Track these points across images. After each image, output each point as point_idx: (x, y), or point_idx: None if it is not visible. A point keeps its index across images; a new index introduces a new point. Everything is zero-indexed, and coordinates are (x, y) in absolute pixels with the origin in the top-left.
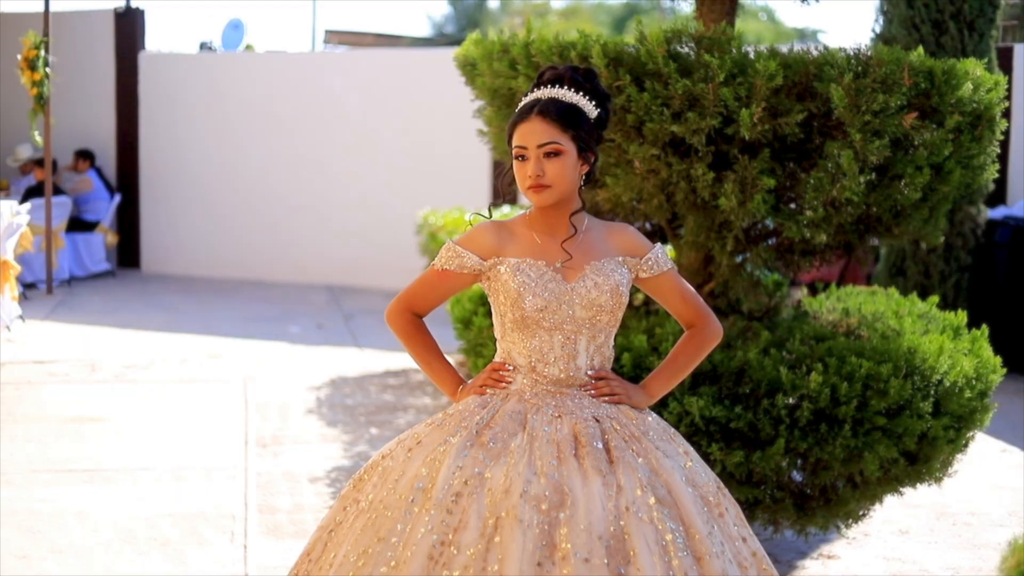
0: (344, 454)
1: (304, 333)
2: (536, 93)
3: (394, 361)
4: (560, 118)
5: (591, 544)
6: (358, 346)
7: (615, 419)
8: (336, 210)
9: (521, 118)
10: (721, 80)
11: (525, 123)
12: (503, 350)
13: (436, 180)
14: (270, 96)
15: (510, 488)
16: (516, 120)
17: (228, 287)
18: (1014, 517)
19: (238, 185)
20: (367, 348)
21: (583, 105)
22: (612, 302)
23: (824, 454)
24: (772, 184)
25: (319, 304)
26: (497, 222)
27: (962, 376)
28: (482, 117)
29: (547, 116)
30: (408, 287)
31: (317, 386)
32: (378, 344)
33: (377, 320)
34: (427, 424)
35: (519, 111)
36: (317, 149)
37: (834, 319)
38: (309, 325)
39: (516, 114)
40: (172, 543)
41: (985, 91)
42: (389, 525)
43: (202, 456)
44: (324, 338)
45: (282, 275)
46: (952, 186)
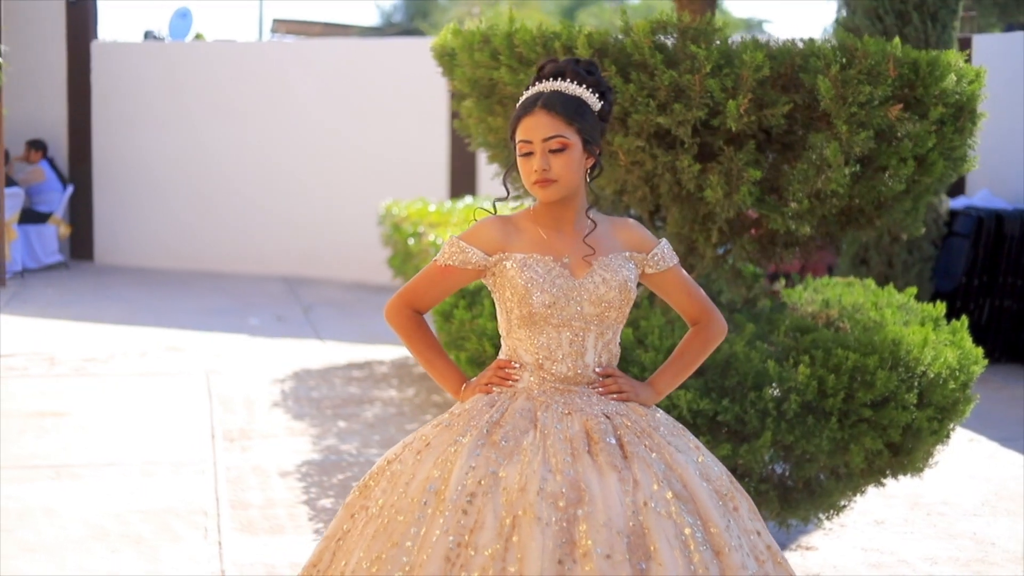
0: (313, 448)
1: (264, 325)
2: (538, 87)
3: (357, 353)
4: (565, 111)
5: (612, 540)
6: (319, 338)
7: (625, 415)
8: (292, 201)
9: (525, 112)
10: (708, 71)
11: (529, 117)
12: (508, 347)
13: (393, 171)
14: (225, 86)
15: (526, 486)
16: (520, 114)
17: (183, 279)
18: (986, 507)
19: (193, 176)
20: (329, 340)
21: (587, 98)
22: (620, 298)
23: (811, 447)
24: (758, 176)
25: (276, 296)
26: (501, 217)
27: (946, 367)
28: (460, 108)
29: (552, 110)
30: (408, 283)
31: (281, 379)
32: (340, 336)
33: (337, 311)
34: (434, 426)
35: (522, 105)
36: (272, 139)
37: (813, 310)
38: (268, 317)
39: (519, 108)
40: (145, 540)
41: (967, 83)
42: (402, 529)
43: (169, 451)
44: (284, 330)
45: (237, 266)
46: (935, 177)
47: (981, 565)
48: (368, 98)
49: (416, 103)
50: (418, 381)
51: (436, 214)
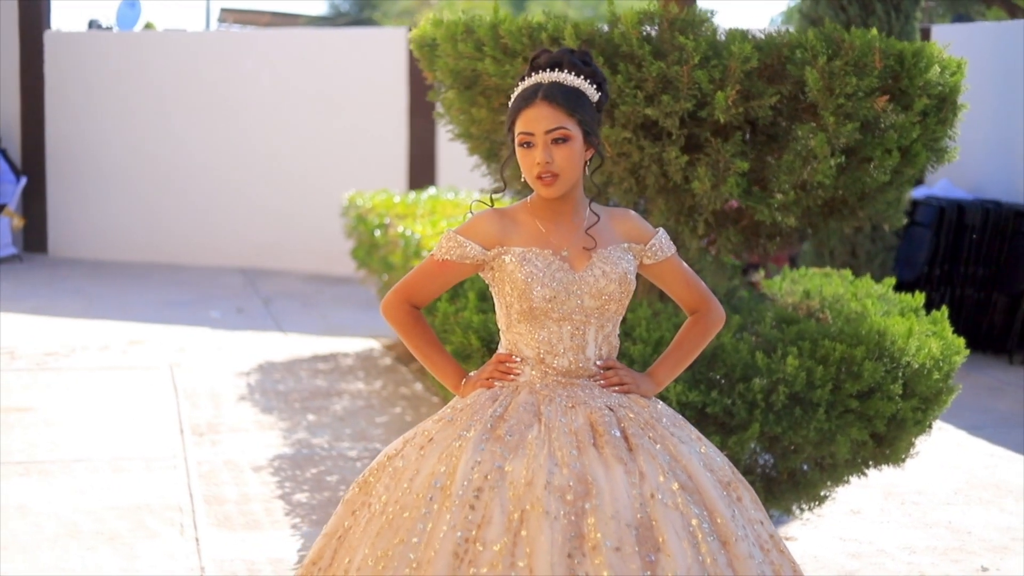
0: (284, 442)
1: (225, 318)
2: (535, 77)
3: (321, 346)
4: (566, 102)
5: (620, 532)
6: (282, 330)
7: (628, 407)
8: (249, 192)
9: (525, 103)
10: (696, 63)
11: (530, 109)
12: (508, 341)
13: (351, 161)
14: (180, 76)
15: (533, 480)
16: (519, 106)
17: (140, 271)
18: (959, 495)
19: (148, 167)
20: (291, 332)
21: (585, 89)
22: (621, 290)
23: (798, 437)
24: (746, 167)
25: (235, 288)
26: (498, 210)
27: (930, 358)
28: (440, 100)
29: (553, 101)
30: (405, 278)
31: (245, 372)
32: (302, 328)
33: (298, 303)
34: (436, 421)
35: (521, 97)
36: (229, 130)
37: (794, 301)
38: (229, 309)
39: (518, 100)
40: (120, 537)
41: (949, 74)
42: (408, 525)
43: (138, 446)
44: (246, 323)
45: (194, 258)
46: (918, 168)
47: (959, 553)
48: (324, 88)
49: (374, 93)
50: (385, 374)
51: (402, 205)
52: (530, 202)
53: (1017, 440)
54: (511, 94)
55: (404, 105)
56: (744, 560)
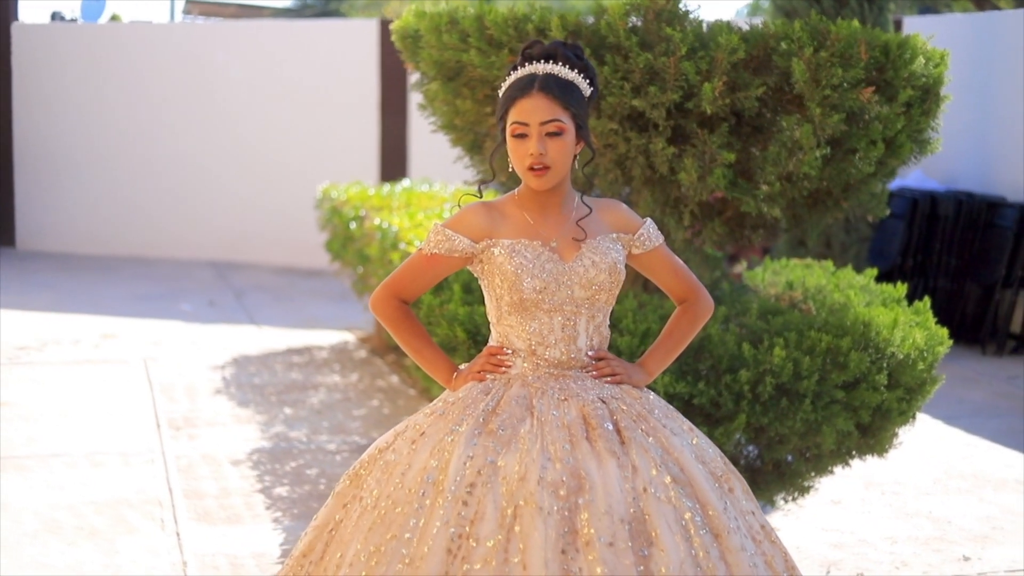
0: (262, 435)
1: (197, 311)
2: (529, 68)
3: (295, 339)
4: (562, 95)
5: (614, 528)
6: (255, 324)
7: (620, 399)
8: (219, 184)
9: (521, 93)
10: (683, 54)
11: (526, 99)
12: (499, 334)
13: (322, 153)
14: (149, 68)
15: (526, 475)
16: (515, 95)
17: (109, 264)
18: (938, 485)
19: (117, 160)
20: (264, 326)
21: (579, 83)
22: (610, 280)
23: (784, 428)
24: (732, 158)
25: (206, 281)
26: (486, 203)
27: (914, 348)
28: (422, 91)
29: (549, 92)
30: (394, 273)
31: (220, 365)
32: (275, 321)
33: (270, 296)
34: (427, 414)
35: (515, 86)
36: (198, 123)
37: (777, 292)
38: (200, 302)
39: (513, 89)
40: (100, 532)
41: (933, 65)
42: (401, 521)
43: (115, 440)
44: (218, 316)
45: (164, 251)
46: (902, 160)
47: (940, 543)
48: (294, 80)
49: (344, 85)
50: (360, 366)
51: (377, 197)
52: (518, 194)
53: (992, 430)
54: (500, 84)
55: (375, 97)
56: (736, 552)
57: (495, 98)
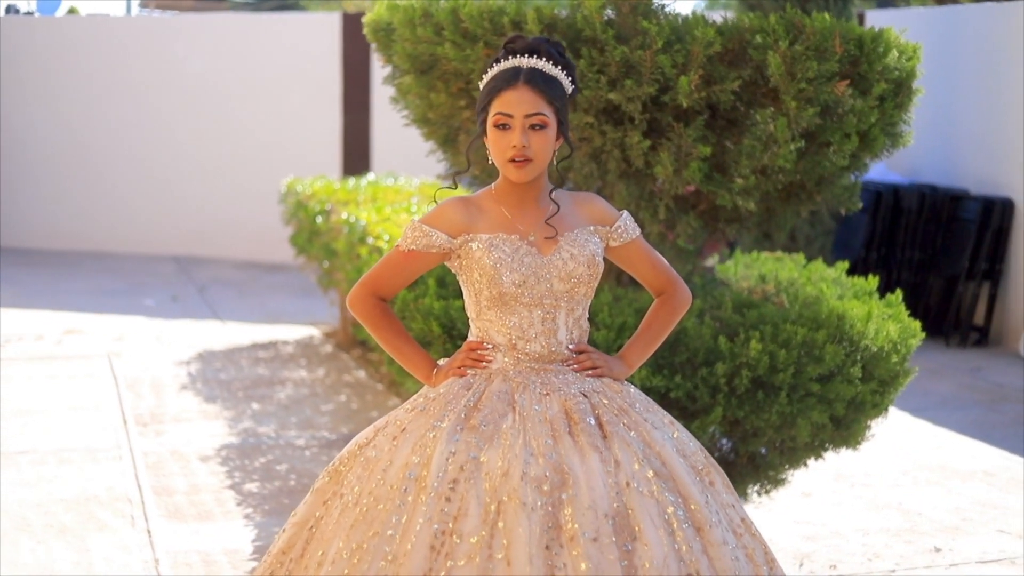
0: (230, 431)
1: (160, 306)
2: (512, 61)
3: (260, 334)
4: (547, 90)
5: (598, 523)
6: (219, 319)
7: (601, 393)
8: (181, 179)
9: (507, 85)
10: (659, 47)
11: (511, 91)
12: (479, 329)
13: (284, 147)
14: (107, 62)
15: (509, 471)
16: (498, 87)
17: (70, 259)
18: (907, 477)
19: (76, 154)
20: (229, 321)
21: (562, 79)
22: (589, 273)
23: (760, 421)
24: (708, 152)
25: (168, 276)
26: (463, 197)
27: (888, 341)
28: (394, 84)
29: (535, 86)
30: (371, 270)
31: (185, 361)
32: (239, 316)
33: (233, 291)
34: (408, 410)
35: (500, 78)
36: (158, 117)
37: (749, 285)
38: (163, 298)
39: (497, 80)
40: (70, 530)
41: (906, 59)
42: (383, 518)
43: (82, 437)
44: (182, 311)
45: (125, 246)
46: (875, 153)
47: (911, 535)
48: (255, 74)
49: (306, 79)
50: (327, 361)
51: (342, 191)
52: (495, 188)
53: (958, 422)
54: (480, 77)
55: (338, 91)
56: (719, 546)
57: (469, 92)
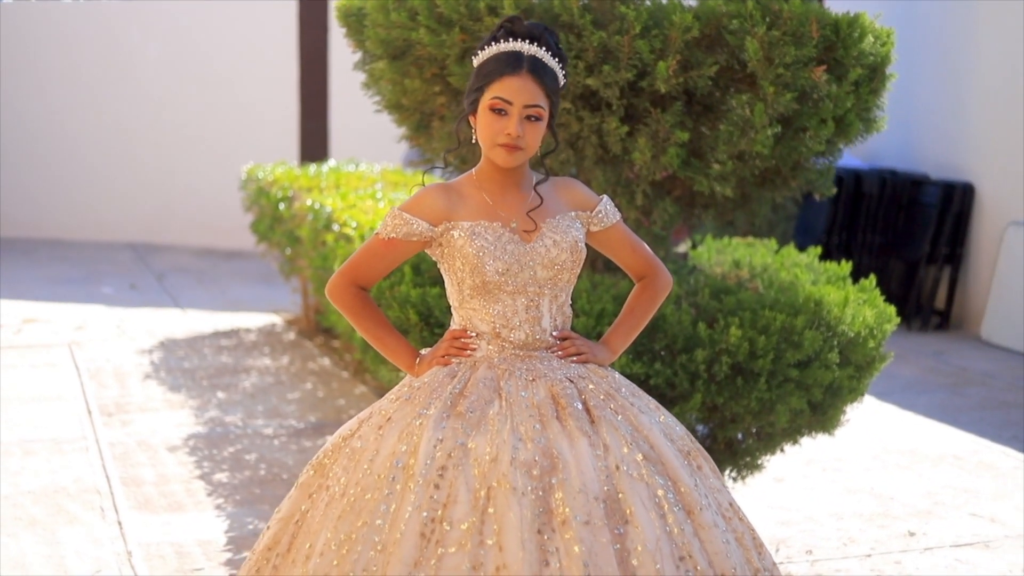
0: (196, 420)
1: (118, 294)
2: (513, 45)
3: (221, 321)
4: (547, 82)
5: (589, 506)
6: (179, 307)
7: (587, 378)
8: (136, 165)
9: (510, 70)
10: (637, 32)
11: (515, 77)
12: (462, 317)
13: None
14: (62, 47)
15: (498, 456)
16: (501, 70)
17: (23, 247)
18: (878, 461)
19: (28, 139)
20: (189, 309)
21: (558, 72)
22: (572, 259)
23: (739, 407)
24: (686, 137)
25: (126, 263)
26: (444, 184)
27: (864, 326)
28: (365, 70)
29: (537, 76)
30: (350, 259)
31: (147, 349)
32: (199, 304)
33: (192, 279)
34: (392, 400)
35: (503, 60)
36: (114, 102)
37: (723, 271)
38: (121, 285)
39: (498, 63)
40: (40, 522)
41: (880, 44)
42: (371, 507)
43: (46, 427)
44: (141, 299)
45: (80, 233)
46: (850, 138)
47: (885, 519)
48: (212, 59)
49: (263, 65)
50: (290, 349)
51: (304, 177)
52: (476, 174)
53: (924, 405)
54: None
55: (295, 76)
56: (709, 529)
57: (444, 77)
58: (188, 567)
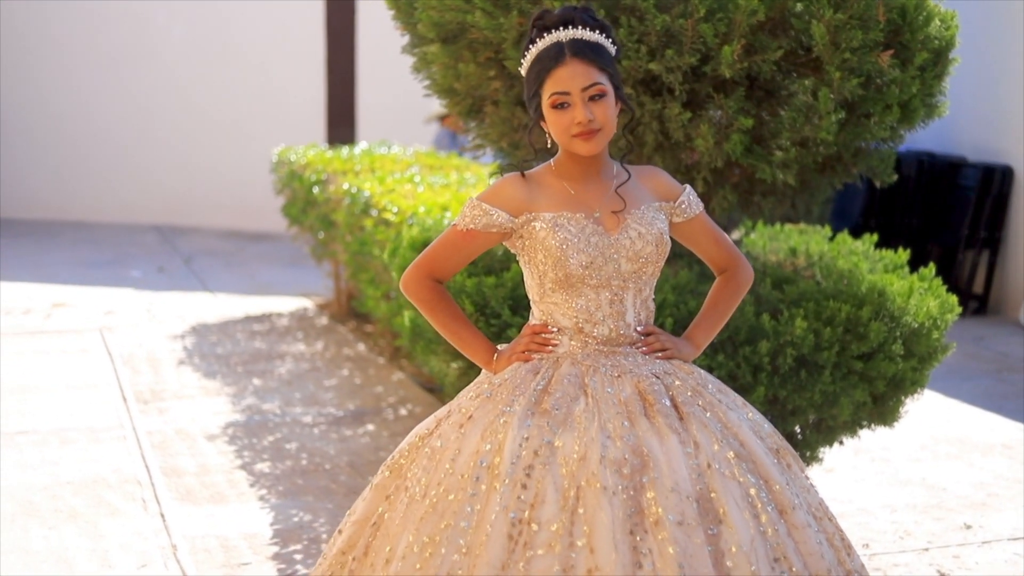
0: (233, 408)
1: (147, 278)
2: (550, 37)
3: (252, 306)
4: (597, 58)
5: (682, 505)
6: (209, 290)
7: (673, 375)
8: (163, 146)
9: (555, 63)
10: (701, 15)
11: (561, 68)
12: (543, 312)
13: (268, 115)
14: (91, 28)
15: (586, 455)
16: (547, 67)
17: (50, 229)
18: (926, 451)
19: (55, 122)
20: (219, 292)
21: (604, 43)
22: (657, 252)
23: (802, 400)
24: (750, 124)
25: (152, 246)
26: (523, 174)
27: (928, 317)
28: (417, 54)
29: (584, 56)
30: (426, 251)
31: (179, 335)
32: (228, 288)
33: (220, 261)
34: (473, 398)
35: (545, 57)
36: (138, 84)
37: (778, 259)
38: (149, 269)
39: (543, 61)
40: (81, 514)
41: (944, 28)
42: (455, 508)
43: (82, 415)
44: (170, 283)
45: (105, 215)
46: (913, 124)
47: (939, 511)
48: (237, 40)
49: (290, 46)
50: (324, 334)
51: (337, 160)
52: (555, 164)
53: (969, 392)
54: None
55: (322, 57)
56: (803, 529)
57: (499, 61)
58: (235, 561)
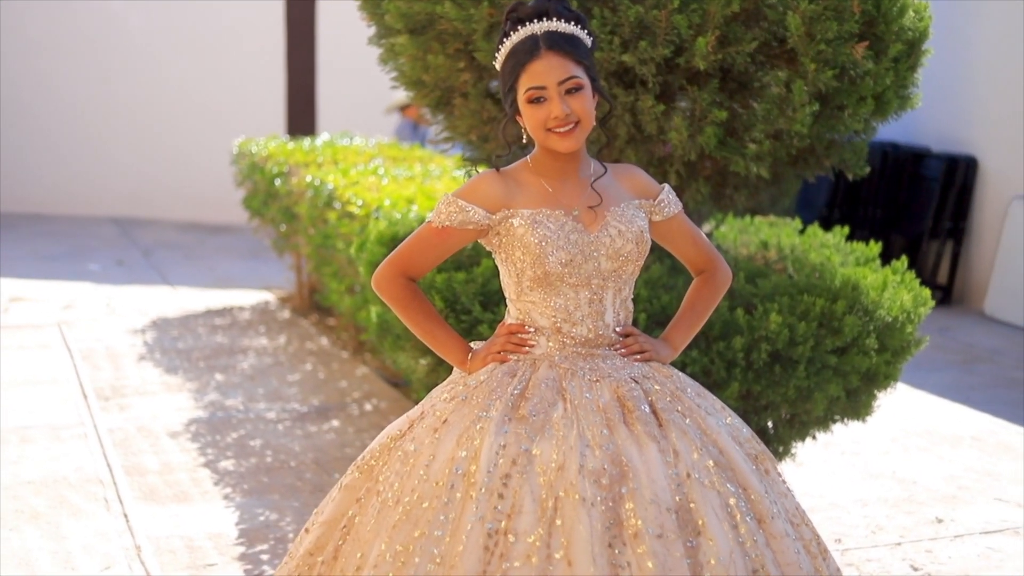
0: (196, 404)
1: (106, 271)
2: (524, 31)
3: (213, 299)
4: (572, 50)
5: (661, 518)
6: (169, 284)
7: (652, 379)
8: (119, 137)
9: (529, 57)
10: (675, 7)
11: (536, 62)
12: (520, 311)
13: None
14: (45, 17)
15: (564, 464)
16: (522, 61)
17: (5, 222)
18: (896, 444)
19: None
20: (179, 286)
21: (579, 34)
22: (638, 250)
23: (776, 395)
24: (723, 116)
25: (111, 238)
26: (500, 171)
27: (902, 310)
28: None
29: (559, 49)
30: (399, 248)
31: (139, 329)
32: (189, 281)
33: (179, 254)
34: (447, 400)
35: (520, 51)
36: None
37: (749, 252)
38: (108, 262)
39: (517, 55)
40: (42, 515)
41: (918, 19)
42: (429, 517)
43: (42, 413)
44: (129, 276)
45: (62, 207)
46: (886, 116)
47: (910, 505)
48: (198, 29)
49: (250, 36)
50: (286, 328)
51: (299, 152)
52: (532, 161)
53: (936, 384)
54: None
55: (282, 47)
56: (781, 539)
57: (468, 52)
58: (201, 562)
